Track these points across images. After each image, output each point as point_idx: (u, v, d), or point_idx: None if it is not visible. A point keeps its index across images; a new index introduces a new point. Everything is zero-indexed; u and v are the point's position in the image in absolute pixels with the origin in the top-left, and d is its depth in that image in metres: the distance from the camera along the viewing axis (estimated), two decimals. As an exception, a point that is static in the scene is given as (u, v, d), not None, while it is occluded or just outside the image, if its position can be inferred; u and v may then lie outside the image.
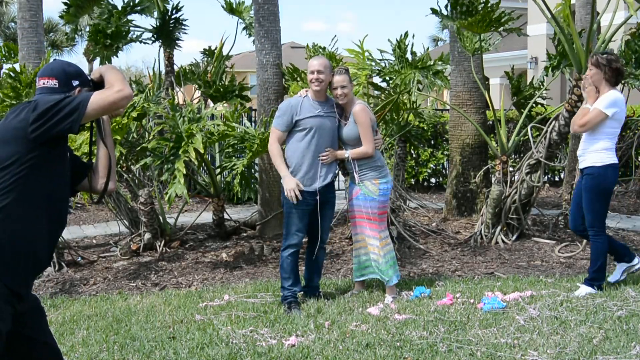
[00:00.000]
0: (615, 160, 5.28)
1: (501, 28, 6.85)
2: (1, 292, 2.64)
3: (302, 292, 5.36)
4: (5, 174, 2.66)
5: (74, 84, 2.89)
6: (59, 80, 2.87)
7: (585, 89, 5.35)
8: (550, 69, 7.53)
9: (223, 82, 9.17)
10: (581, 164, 5.39)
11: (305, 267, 5.46)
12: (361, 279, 5.47)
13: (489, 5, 6.70)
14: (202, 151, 6.38)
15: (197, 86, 9.45)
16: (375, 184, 5.23)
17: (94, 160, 3.12)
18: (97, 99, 2.70)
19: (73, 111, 2.66)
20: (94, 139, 3.06)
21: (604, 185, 5.28)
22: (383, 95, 7.55)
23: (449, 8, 6.92)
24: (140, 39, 8.75)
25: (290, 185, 5.03)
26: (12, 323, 2.70)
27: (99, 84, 2.90)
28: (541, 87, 8.12)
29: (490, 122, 9.23)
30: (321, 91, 5.15)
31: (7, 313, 2.67)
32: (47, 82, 2.86)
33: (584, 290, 5.30)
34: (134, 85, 8.79)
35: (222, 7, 9.93)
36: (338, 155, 5.22)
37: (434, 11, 6.91)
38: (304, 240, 5.29)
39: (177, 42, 9.05)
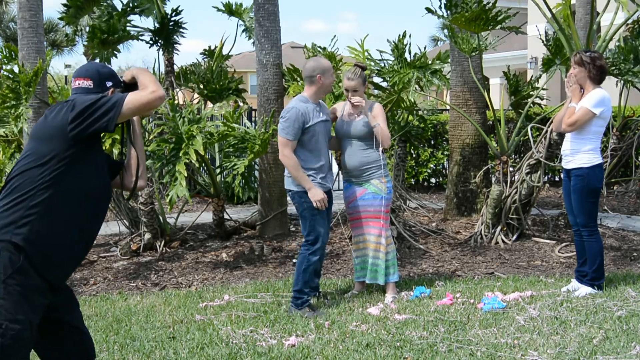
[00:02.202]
0: (601, 159, 5.34)
1: (498, 26, 6.85)
2: (39, 286, 2.81)
3: None
4: (45, 169, 2.81)
5: (108, 85, 3.05)
6: (94, 80, 3.02)
7: (570, 88, 5.35)
8: (546, 67, 7.53)
9: (219, 82, 9.14)
10: (567, 165, 5.40)
11: None
12: (363, 279, 5.47)
13: (484, 4, 6.70)
14: (202, 152, 6.39)
15: (192, 88, 9.40)
16: (383, 182, 5.26)
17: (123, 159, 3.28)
18: (132, 99, 2.86)
19: (109, 110, 2.81)
20: (124, 139, 3.23)
21: (592, 186, 5.32)
22: (384, 95, 7.54)
23: (443, 8, 6.93)
24: (138, 37, 8.74)
25: (320, 195, 4.95)
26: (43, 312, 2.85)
27: (130, 86, 3.06)
28: (539, 86, 8.11)
29: (490, 122, 9.23)
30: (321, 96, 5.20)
31: (40, 306, 2.83)
32: (82, 82, 3.02)
33: (584, 290, 5.31)
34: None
35: (222, 10, 9.90)
36: (370, 117, 5.17)
37: (428, 10, 6.92)
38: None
39: (175, 45, 9.04)
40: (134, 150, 3.20)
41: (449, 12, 6.89)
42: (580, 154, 5.30)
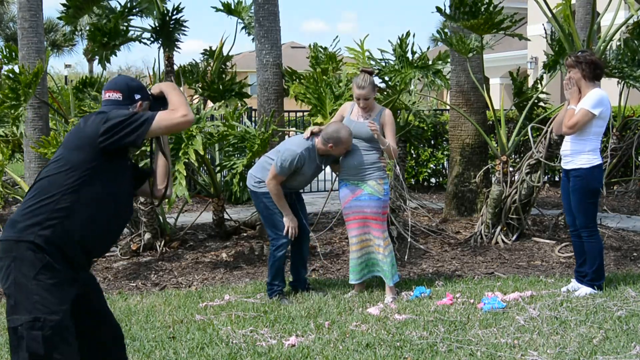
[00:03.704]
0: (600, 160, 5.33)
1: (502, 31, 6.85)
2: (68, 278, 2.96)
3: (292, 286, 5.58)
4: (72, 175, 2.96)
5: (136, 98, 3.20)
6: (123, 93, 3.17)
7: (568, 90, 5.34)
8: (548, 68, 7.53)
9: (222, 82, 9.15)
10: (567, 165, 5.39)
11: (292, 261, 5.60)
12: (361, 280, 5.46)
13: (492, 7, 6.71)
14: (202, 152, 6.39)
15: (195, 89, 9.42)
16: (381, 184, 5.28)
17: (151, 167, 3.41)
18: (161, 119, 3.02)
19: (139, 127, 2.98)
20: (153, 150, 3.38)
21: (592, 187, 5.31)
22: (382, 97, 7.55)
23: (452, 8, 6.93)
24: (139, 39, 8.75)
25: (295, 222, 5.30)
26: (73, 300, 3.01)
27: (158, 99, 3.23)
28: (540, 86, 8.11)
29: (490, 122, 9.22)
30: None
31: (73, 296, 2.99)
32: (112, 95, 3.18)
33: (584, 290, 5.31)
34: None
35: (220, 9, 9.90)
36: (379, 139, 5.22)
37: (438, 10, 6.93)
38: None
39: (176, 43, 9.05)
40: (164, 159, 3.35)
41: (457, 11, 6.88)
42: (580, 154, 5.29)
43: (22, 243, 2.90)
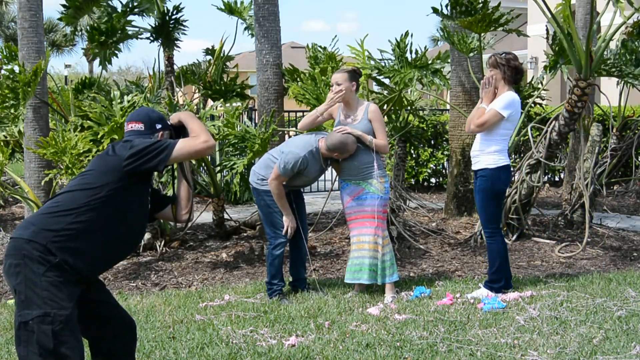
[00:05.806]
0: (507, 162, 5.33)
1: (500, 28, 6.86)
2: (76, 279, 3.09)
3: (292, 286, 5.59)
4: (94, 193, 3.13)
5: (157, 127, 3.40)
6: (145, 124, 3.37)
7: (485, 89, 5.35)
8: (548, 69, 7.53)
9: (223, 82, 9.16)
10: (475, 166, 5.41)
11: (291, 261, 5.61)
12: (358, 281, 5.45)
13: (488, 5, 6.72)
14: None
15: (196, 88, 9.43)
16: (382, 183, 5.29)
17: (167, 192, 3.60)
18: (182, 146, 3.21)
19: (160, 152, 3.18)
20: (175, 176, 3.56)
21: (497, 187, 5.31)
22: (385, 91, 7.54)
23: (448, 8, 6.95)
24: (137, 36, 8.74)
25: (293, 223, 5.33)
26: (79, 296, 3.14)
27: (178, 128, 3.44)
28: (540, 86, 8.11)
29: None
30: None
31: (78, 292, 3.12)
32: (135, 125, 3.38)
33: (481, 292, 5.27)
34: (133, 87, 8.79)
35: (221, 9, 9.89)
36: (361, 137, 5.24)
37: (434, 10, 6.93)
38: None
39: (175, 42, 9.05)
40: (186, 185, 3.51)
41: (454, 11, 6.90)
42: (485, 155, 5.30)
43: (33, 243, 3.02)
